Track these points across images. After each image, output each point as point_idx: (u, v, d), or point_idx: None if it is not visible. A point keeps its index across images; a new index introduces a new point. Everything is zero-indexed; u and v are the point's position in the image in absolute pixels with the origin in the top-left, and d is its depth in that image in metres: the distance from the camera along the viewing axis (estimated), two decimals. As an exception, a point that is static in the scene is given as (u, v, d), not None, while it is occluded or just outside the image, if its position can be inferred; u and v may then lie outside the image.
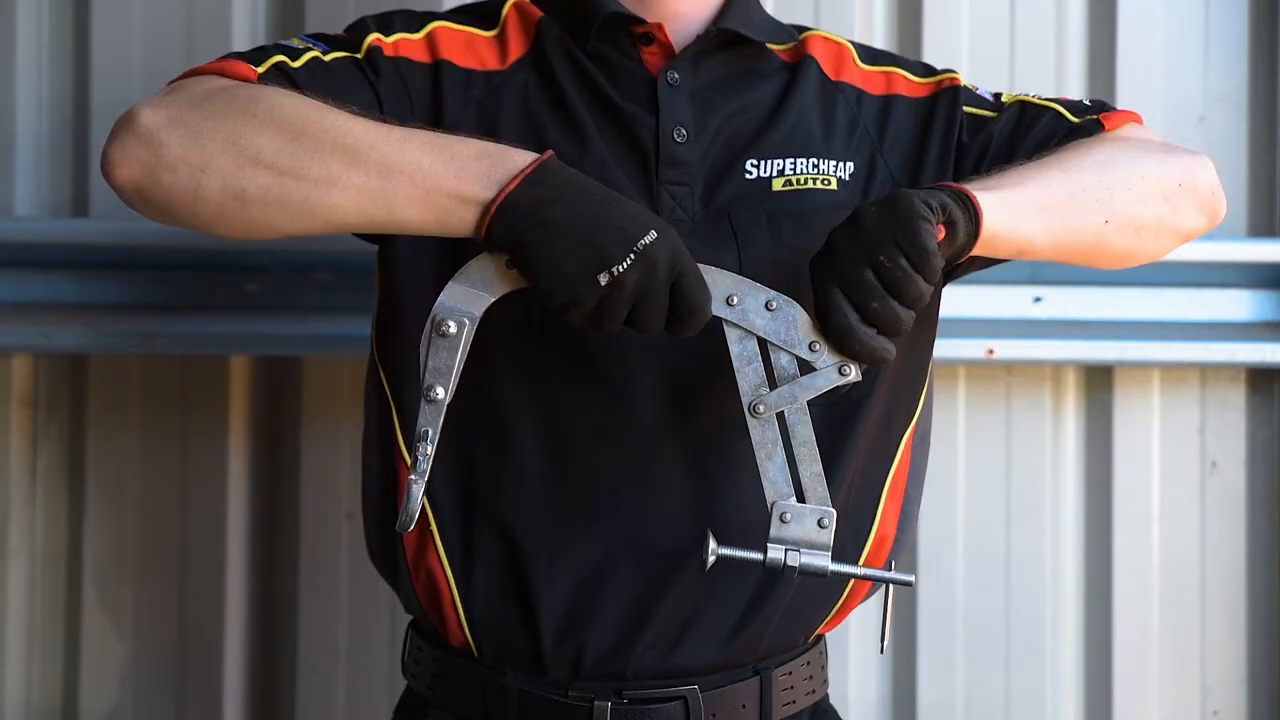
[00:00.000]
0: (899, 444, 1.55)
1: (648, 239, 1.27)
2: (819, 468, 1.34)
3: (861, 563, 1.50)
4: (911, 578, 1.37)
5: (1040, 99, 1.59)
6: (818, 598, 1.52)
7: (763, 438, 1.33)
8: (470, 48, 1.53)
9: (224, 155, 1.30)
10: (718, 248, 1.44)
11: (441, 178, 1.29)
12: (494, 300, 1.32)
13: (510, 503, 1.46)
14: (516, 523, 1.46)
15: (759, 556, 1.33)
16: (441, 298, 1.31)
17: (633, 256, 1.26)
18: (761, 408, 1.33)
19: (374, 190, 1.30)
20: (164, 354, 2.18)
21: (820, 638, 1.58)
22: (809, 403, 1.33)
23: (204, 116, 1.32)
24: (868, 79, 1.59)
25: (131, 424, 2.24)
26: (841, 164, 1.52)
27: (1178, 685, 2.27)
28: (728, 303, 1.33)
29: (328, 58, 1.46)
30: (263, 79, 1.40)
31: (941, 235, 1.31)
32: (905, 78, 1.60)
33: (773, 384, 1.34)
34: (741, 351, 1.34)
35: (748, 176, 1.49)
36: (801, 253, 1.38)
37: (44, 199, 2.23)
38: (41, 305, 2.16)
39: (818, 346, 1.32)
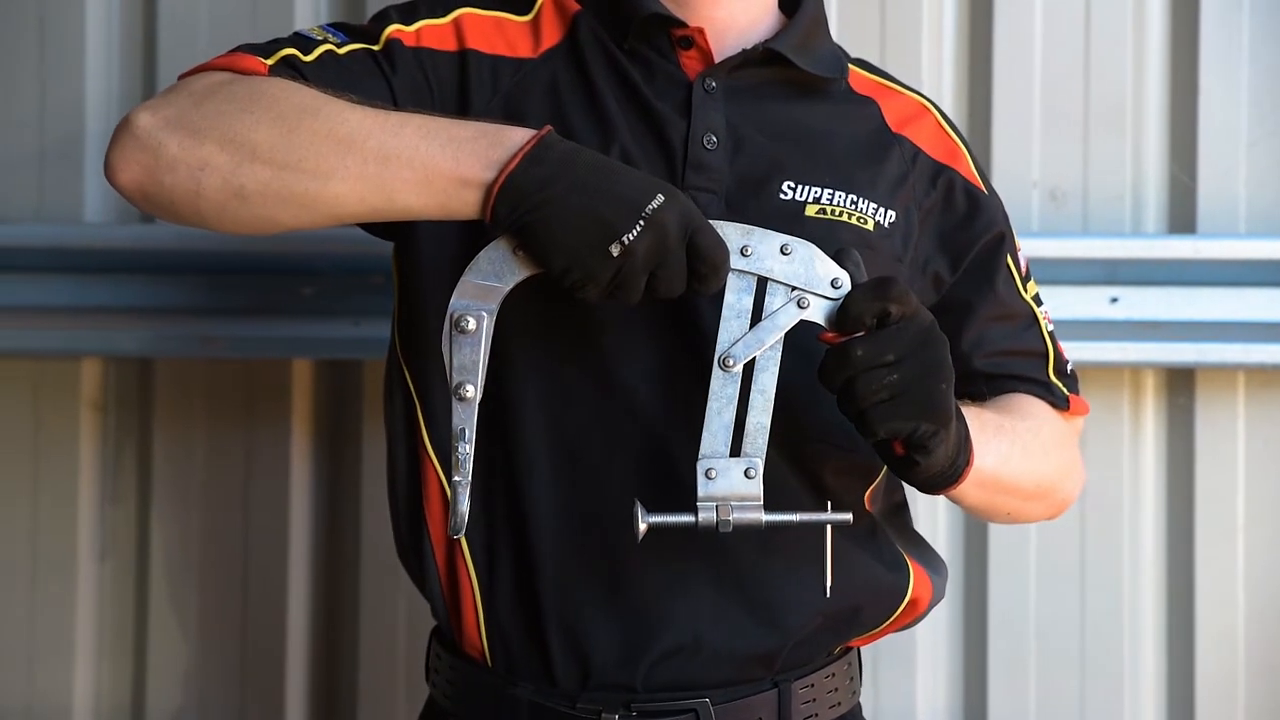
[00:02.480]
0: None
1: (655, 204, 1.24)
2: (766, 419, 1.30)
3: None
4: (849, 516, 1.32)
5: (1048, 329, 1.62)
6: (855, 626, 1.50)
7: (721, 391, 1.30)
8: (500, 31, 1.51)
9: (222, 153, 1.30)
10: None
11: (440, 160, 1.28)
12: (509, 290, 1.29)
13: (522, 509, 1.44)
14: (529, 530, 1.44)
15: (691, 519, 1.29)
16: (456, 294, 1.29)
17: (642, 223, 1.23)
18: (731, 360, 1.30)
19: (372, 178, 1.28)
20: (223, 358, 2.20)
21: (849, 649, 1.54)
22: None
23: (201, 115, 1.32)
24: (936, 142, 1.58)
25: (197, 427, 2.26)
26: (882, 210, 1.50)
27: (1265, 701, 2.19)
28: (742, 253, 1.30)
29: (342, 50, 1.45)
30: (272, 73, 1.39)
31: (899, 451, 1.31)
32: (969, 163, 1.60)
33: None
34: (735, 302, 1.30)
35: (782, 197, 1.46)
36: None
37: (112, 201, 2.24)
38: (103, 309, 2.18)
39: (839, 282, 1.29)
